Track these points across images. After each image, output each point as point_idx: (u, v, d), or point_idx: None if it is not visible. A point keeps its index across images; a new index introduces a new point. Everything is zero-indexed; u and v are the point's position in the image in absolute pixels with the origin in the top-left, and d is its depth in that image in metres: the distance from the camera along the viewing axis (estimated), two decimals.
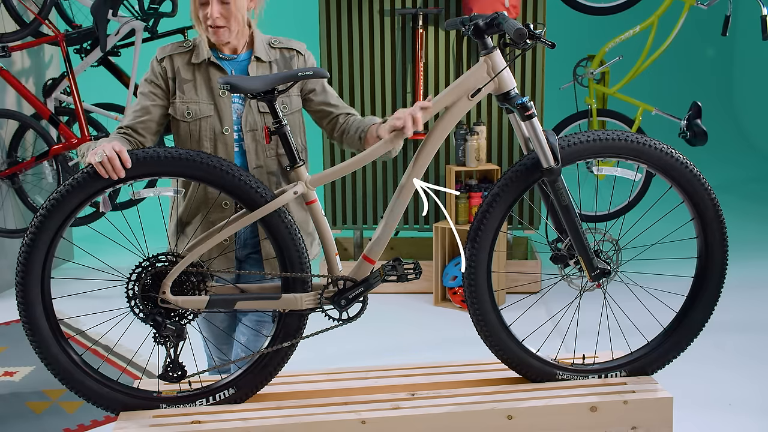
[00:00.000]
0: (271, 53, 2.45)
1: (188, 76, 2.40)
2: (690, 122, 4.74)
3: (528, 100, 2.19)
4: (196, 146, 2.39)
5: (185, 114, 2.39)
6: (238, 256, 2.49)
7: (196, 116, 2.39)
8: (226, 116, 2.40)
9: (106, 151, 2.08)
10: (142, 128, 2.37)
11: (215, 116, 2.40)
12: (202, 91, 2.40)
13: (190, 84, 2.40)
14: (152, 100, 2.40)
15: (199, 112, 2.39)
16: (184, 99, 2.39)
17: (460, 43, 4.90)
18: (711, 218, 2.34)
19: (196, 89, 2.40)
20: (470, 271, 2.29)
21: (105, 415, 3.34)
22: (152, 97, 2.40)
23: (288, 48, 2.48)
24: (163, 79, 2.41)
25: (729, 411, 3.34)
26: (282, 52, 2.47)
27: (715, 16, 5.72)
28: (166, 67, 2.41)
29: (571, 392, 2.30)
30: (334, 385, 2.37)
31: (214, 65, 2.41)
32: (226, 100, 2.40)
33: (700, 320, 2.41)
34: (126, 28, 4.84)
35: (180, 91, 2.40)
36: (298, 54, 2.48)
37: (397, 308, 4.72)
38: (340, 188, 5.11)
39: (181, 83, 2.40)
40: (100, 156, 2.07)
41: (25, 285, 2.14)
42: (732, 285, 3.21)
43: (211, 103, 2.40)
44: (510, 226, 5.02)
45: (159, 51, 2.44)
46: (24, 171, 5.06)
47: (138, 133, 2.37)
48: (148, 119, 2.38)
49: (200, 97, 2.40)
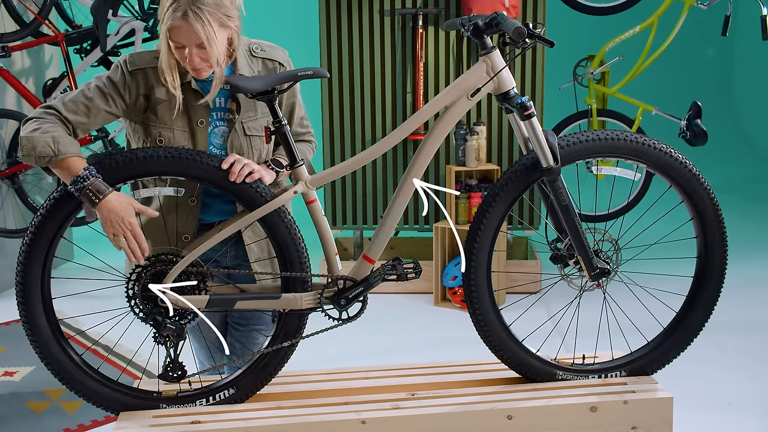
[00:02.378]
0: (254, 64, 2.29)
1: (163, 95, 2.19)
2: (690, 122, 4.74)
3: (527, 100, 2.19)
4: None
5: (157, 140, 2.21)
6: (227, 263, 2.43)
7: (169, 143, 2.21)
8: (200, 144, 2.24)
9: (129, 242, 2.09)
10: (80, 127, 2.13)
11: (190, 145, 2.23)
12: (178, 116, 2.21)
13: (164, 105, 2.19)
14: (108, 105, 2.15)
15: (172, 139, 2.21)
16: (157, 123, 2.20)
17: (460, 43, 4.90)
18: (710, 218, 2.34)
19: (172, 114, 2.20)
20: (470, 271, 2.29)
21: (105, 415, 3.34)
22: (110, 102, 2.15)
23: (271, 59, 2.31)
24: (131, 92, 2.17)
25: (729, 411, 3.34)
26: (265, 63, 2.31)
27: (715, 16, 5.72)
28: (139, 83, 2.17)
29: (571, 392, 2.30)
30: (334, 385, 2.37)
31: (191, 90, 2.22)
32: (203, 130, 2.24)
33: (700, 320, 2.41)
34: (126, 28, 4.84)
35: (152, 112, 2.20)
36: (281, 66, 2.32)
37: (397, 308, 4.72)
38: (340, 188, 5.11)
39: (155, 104, 2.19)
40: (123, 245, 2.09)
41: (25, 285, 2.14)
42: (732, 285, 3.22)
43: (186, 130, 2.23)
44: (510, 226, 5.03)
45: (130, 59, 2.18)
46: (24, 171, 5.06)
47: (74, 130, 2.13)
48: (92, 121, 2.15)
49: (175, 122, 2.21)
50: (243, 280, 2.41)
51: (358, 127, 5.00)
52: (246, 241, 2.37)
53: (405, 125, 2.23)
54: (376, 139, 4.99)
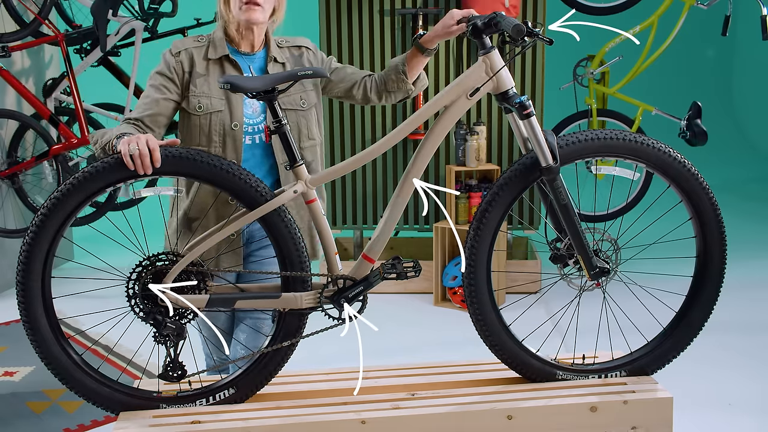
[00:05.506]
0: (282, 54, 2.49)
1: (202, 70, 2.41)
2: (690, 122, 4.74)
3: (526, 99, 2.19)
4: (205, 140, 2.41)
5: (196, 108, 2.40)
6: (243, 252, 2.49)
7: (207, 110, 2.40)
8: (236, 112, 2.41)
9: (140, 146, 2.07)
10: (150, 121, 2.37)
11: (226, 111, 2.41)
12: (215, 85, 2.40)
13: (203, 78, 2.41)
14: (163, 93, 2.39)
15: (210, 106, 2.40)
16: (196, 92, 2.40)
17: (460, 43, 4.90)
18: (709, 217, 2.34)
19: (209, 84, 2.41)
20: (470, 271, 2.29)
21: (105, 415, 3.34)
22: (163, 90, 2.39)
23: (296, 46, 2.52)
24: (178, 72, 2.41)
25: (729, 411, 3.33)
26: (291, 50, 2.51)
27: (715, 16, 5.72)
28: (183, 61, 2.41)
29: (571, 392, 2.30)
30: (333, 385, 2.37)
31: (229, 61, 2.43)
32: (238, 97, 2.42)
33: (700, 320, 2.41)
34: (126, 28, 4.84)
35: (193, 84, 2.40)
36: (307, 50, 2.53)
37: (397, 308, 4.72)
38: (340, 188, 5.11)
39: (195, 77, 2.41)
40: (134, 149, 2.06)
41: (25, 285, 2.14)
42: (732, 285, 3.22)
43: (223, 99, 2.41)
44: (510, 226, 5.03)
45: (175, 44, 2.45)
46: (24, 171, 5.06)
47: (147, 126, 2.37)
48: (157, 112, 2.38)
49: (212, 91, 2.41)
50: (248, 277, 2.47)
51: (358, 127, 5.00)
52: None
53: (405, 125, 2.23)
54: (376, 139, 4.99)
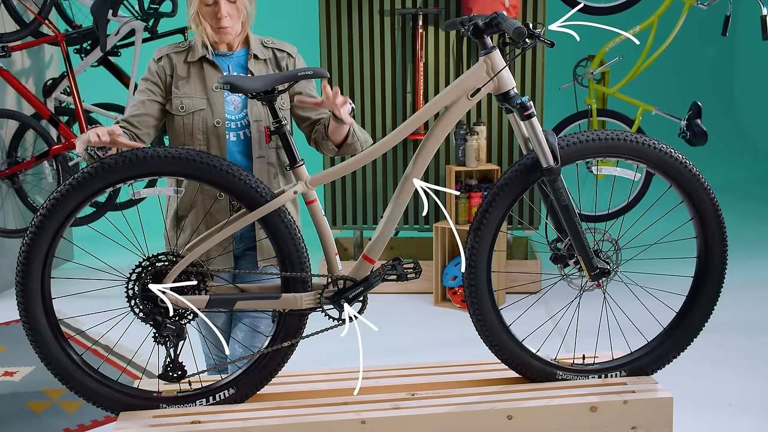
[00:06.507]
0: (265, 52, 2.54)
1: (183, 73, 2.49)
2: (690, 122, 4.74)
3: (527, 100, 2.19)
4: (189, 139, 2.47)
5: (179, 108, 2.47)
6: (235, 252, 2.50)
7: (189, 110, 2.47)
8: (217, 110, 2.47)
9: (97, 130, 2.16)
10: (137, 121, 2.44)
11: (208, 109, 2.47)
12: (196, 86, 2.48)
13: (184, 80, 2.49)
14: (148, 95, 2.48)
15: (192, 105, 2.47)
16: (178, 94, 2.48)
17: (460, 43, 4.90)
18: (710, 218, 2.34)
19: (191, 85, 2.48)
20: (470, 271, 2.29)
21: (105, 415, 3.34)
22: (149, 93, 2.48)
23: (280, 49, 2.56)
24: (161, 76, 2.49)
25: (729, 411, 3.34)
26: (274, 52, 2.55)
27: (715, 16, 5.72)
28: (164, 66, 2.50)
29: (571, 392, 2.30)
30: (333, 385, 2.37)
31: (209, 62, 2.49)
32: (219, 95, 2.48)
33: (700, 320, 2.41)
34: (126, 28, 4.84)
35: (175, 87, 2.48)
36: (289, 56, 2.56)
37: (397, 308, 4.72)
38: (340, 188, 5.11)
39: (177, 80, 2.49)
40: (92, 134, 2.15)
41: (25, 285, 2.14)
42: (732, 285, 3.22)
43: (204, 98, 2.48)
44: (510, 226, 5.03)
45: (156, 52, 2.54)
46: (24, 171, 5.06)
47: (134, 126, 2.43)
48: (143, 113, 2.45)
49: (194, 91, 2.48)
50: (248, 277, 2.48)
51: None
52: (260, 235, 2.53)
53: (405, 125, 2.23)
54: (376, 139, 4.99)
